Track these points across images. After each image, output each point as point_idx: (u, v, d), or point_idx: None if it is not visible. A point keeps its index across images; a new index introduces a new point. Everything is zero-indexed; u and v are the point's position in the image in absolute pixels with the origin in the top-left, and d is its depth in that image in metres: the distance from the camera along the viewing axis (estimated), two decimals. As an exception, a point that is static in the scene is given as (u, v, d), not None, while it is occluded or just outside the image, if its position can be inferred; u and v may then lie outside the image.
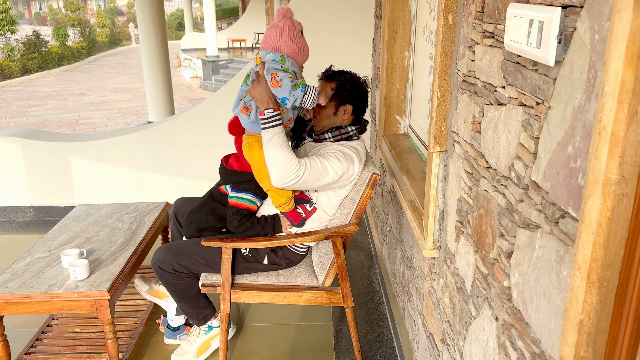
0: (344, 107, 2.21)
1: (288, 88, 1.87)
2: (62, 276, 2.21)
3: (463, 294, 1.52)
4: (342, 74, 2.23)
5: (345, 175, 2.13)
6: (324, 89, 2.18)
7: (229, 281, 2.23)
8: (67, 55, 19.25)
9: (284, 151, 1.96)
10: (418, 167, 2.38)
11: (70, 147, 4.03)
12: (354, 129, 2.23)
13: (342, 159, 2.11)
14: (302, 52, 2.03)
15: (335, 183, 2.14)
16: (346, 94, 2.20)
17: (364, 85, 2.27)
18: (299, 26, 2.02)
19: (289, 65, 1.95)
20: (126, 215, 2.84)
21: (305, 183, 2.05)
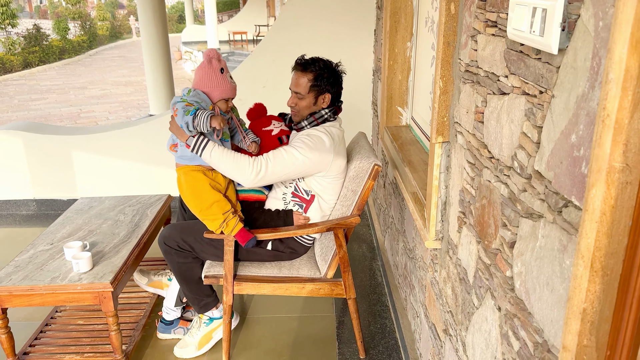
0: (323, 96, 2.22)
1: (181, 114, 2.00)
2: (65, 269, 2.22)
3: (465, 284, 1.52)
4: (314, 63, 2.21)
5: (321, 157, 2.14)
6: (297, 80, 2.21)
7: (232, 273, 2.24)
8: (68, 49, 19.21)
9: (228, 157, 2.08)
10: (420, 158, 2.38)
11: (72, 140, 4.03)
12: (327, 111, 2.23)
13: (308, 141, 2.14)
14: (218, 88, 2.12)
15: (316, 166, 2.16)
16: (324, 83, 2.20)
17: (338, 71, 2.27)
18: (218, 65, 2.12)
19: (192, 96, 2.09)
20: (128, 208, 2.84)
21: (276, 174, 2.12)
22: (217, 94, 2.12)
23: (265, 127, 2.30)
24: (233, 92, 2.17)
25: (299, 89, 2.21)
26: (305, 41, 3.93)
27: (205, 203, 2.13)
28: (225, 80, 2.13)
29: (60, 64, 18.17)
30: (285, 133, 2.29)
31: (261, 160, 2.11)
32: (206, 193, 2.14)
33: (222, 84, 2.12)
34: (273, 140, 2.28)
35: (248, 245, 2.15)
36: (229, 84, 2.15)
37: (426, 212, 1.83)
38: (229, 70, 2.20)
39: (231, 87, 2.15)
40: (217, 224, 2.13)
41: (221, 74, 2.12)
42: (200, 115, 1.98)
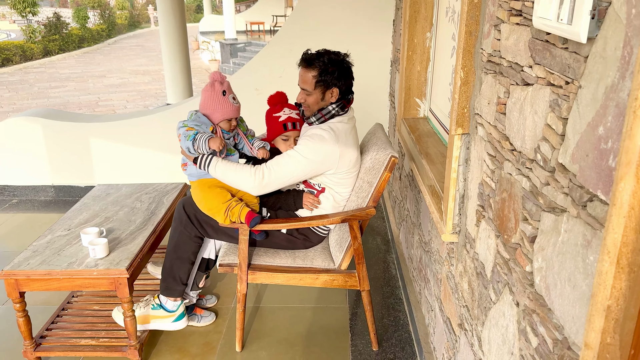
0: (330, 91, 2.18)
1: (183, 140, 2.13)
2: (81, 254, 2.24)
3: (482, 279, 1.50)
4: (319, 57, 2.15)
5: (325, 156, 2.12)
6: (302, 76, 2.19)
7: (246, 262, 2.24)
8: (87, 38, 19.38)
9: (230, 169, 2.13)
10: (438, 150, 2.35)
11: (90, 127, 4.06)
12: (335, 106, 2.19)
13: (309, 142, 2.12)
14: (220, 110, 2.19)
15: (322, 165, 2.15)
16: (330, 77, 2.14)
17: (346, 63, 2.21)
18: (220, 88, 2.18)
19: (193, 120, 2.19)
20: (145, 195, 2.86)
21: (281, 179, 2.13)
22: (218, 116, 2.19)
23: (276, 113, 2.29)
24: (235, 113, 2.22)
25: (305, 85, 2.18)
26: (323, 31, 3.90)
27: (209, 200, 2.18)
28: (227, 102, 2.18)
29: (79, 52, 18.35)
30: (292, 120, 2.27)
31: (263, 168, 2.13)
32: (211, 192, 2.20)
33: (223, 106, 2.18)
34: (278, 126, 2.28)
35: (252, 225, 2.14)
36: (231, 106, 2.20)
37: (443, 205, 1.81)
38: (232, 90, 2.25)
39: (233, 109, 2.20)
40: (221, 213, 2.16)
41: (223, 97, 2.18)
42: (198, 139, 2.09)
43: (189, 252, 2.31)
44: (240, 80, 4.02)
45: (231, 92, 2.23)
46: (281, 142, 2.30)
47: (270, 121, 2.31)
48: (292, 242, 2.35)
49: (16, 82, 13.19)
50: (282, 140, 2.29)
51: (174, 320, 2.39)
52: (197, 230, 2.29)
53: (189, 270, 2.35)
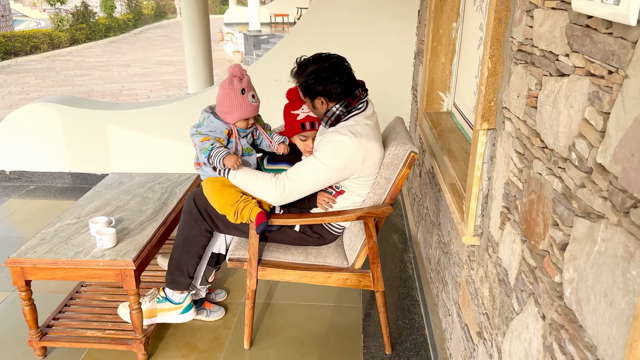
0: (319, 100, 2.08)
1: (199, 152, 2.08)
2: (89, 244, 2.19)
3: (505, 286, 1.38)
4: (301, 69, 2.09)
5: (347, 162, 2.03)
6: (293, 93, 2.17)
7: (256, 257, 2.16)
8: (113, 27, 19.55)
9: (250, 178, 2.08)
10: (461, 147, 2.23)
11: (108, 115, 4.04)
12: (339, 106, 2.07)
13: (329, 148, 2.02)
14: (237, 110, 2.09)
15: (344, 172, 2.06)
16: (309, 89, 2.06)
17: (327, 61, 2.05)
18: (239, 85, 2.07)
19: (206, 127, 2.12)
20: (158, 185, 2.80)
21: (302, 189, 2.06)
22: (235, 115, 2.10)
23: (294, 110, 2.20)
24: (253, 112, 2.14)
25: (300, 95, 2.15)
26: (344, 21, 3.78)
27: (220, 199, 2.12)
28: (245, 101, 2.09)
29: (105, 41, 18.53)
30: (311, 120, 2.18)
31: (283, 178, 2.05)
32: (222, 191, 2.13)
33: (241, 106, 2.09)
34: (296, 125, 2.18)
35: (257, 231, 2.06)
36: (249, 105, 2.10)
37: (465, 205, 1.69)
38: (252, 87, 2.15)
39: (251, 108, 2.12)
40: (231, 216, 2.10)
41: (241, 95, 2.08)
42: (214, 156, 2.04)
43: (198, 245, 2.25)
44: (259, 70, 3.94)
45: (251, 89, 2.13)
46: (299, 140, 2.21)
47: (288, 118, 2.23)
48: (304, 240, 2.27)
49: (43, 70, 13.37)
50: (299, 139, 2.20)
51: (181, 313, 2.33)
52: (207, 224, 2.22)
53: (197, 264, 2.28)
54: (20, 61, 14.52)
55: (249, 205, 2.09)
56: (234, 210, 2.08)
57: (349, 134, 2.02)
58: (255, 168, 2.25)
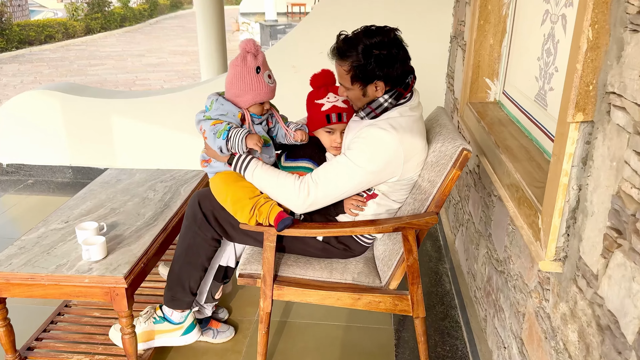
0: (373, 85, 1.68)
1: (212, 138, 1.74)
2: (75, 255, 1.85)
3: (612, 338, 1.00)
4: (352, 45, 1.65)
5: (387, 164, 1.67)
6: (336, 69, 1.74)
7: (272, 274, 1.80)
8: (129, 17, 19.34)
9: (273, 179, 1.74)
10: (519, 143, 1.84)
11: (113, 104, 3.70)
12: (387, 97, 1.69)
13: (365, 147, 1.66)
14: (251, 91, 1.75)
15: (381, 176, 1.70)
16: (369, 70, 1.64)
17: (394, 41, 1.66)
18: (253, 63, 1.74)
19: (215, 110, 1.79)
20: (160, 184, 2.46)
21: (330, 196, 1.70)
22: (249, 98, 1.77)
23: (318, 99, 1.83)
24: (269, 95, 1.80)
25: (341, 80, 1.74)
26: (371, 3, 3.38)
27: (234, 192, 1.76)
28: (261, 81, 1.75)
29: (120, 31, 18.32)
30: (337, 110, 1.80)
31: (308, 182, 1.69)
32: (236, 184, 1.78)
33: (256, 87, 1.75)
34: (320, 117, 1.82)
35: (280, 228, 1.69)
36: (265, 86, 1.76)
37: (542, 220, 1.31)
38: (268, 66, 1.79)
39: (267, 90, 1.78)
40: (246, 211, 1.72)
41: (256, 74, 1.74)
42: (233, 137, 1.70)
43: (203, 257, 1.89)
44: (275, 56, 3.56)
45: (267, 68, 1.78)
46: (324, 134, 1.85)
47: (311, 108, 1.86)
48: (328, 251, 1.91)
49: (57, 59, 13.18)
50: (325, 132, 1.84)
51: (182, 334, 1.99)
52: (215, 231, 1.87)
53: (201, 278, 1.94)
54: (34, 50, 14.35)
55: (269, 202, 1.74)
56: (250, 205, 1.72)
57: (389, 128, 1.65)
58: (272, 164, 1.90)
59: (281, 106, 1.99)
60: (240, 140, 1.68)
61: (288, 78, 3.51)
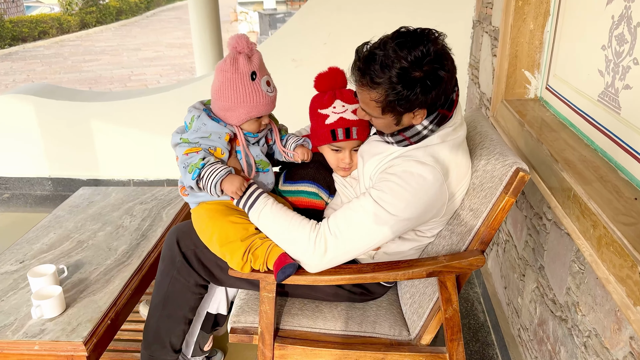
0: (411, 114, 1.26)
1: (183, 172, 1.35)
2: (26, 309, 1.49)
3: None
4: (384, 67, 1.17)
5: (427, 207, 1.29)
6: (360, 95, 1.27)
7: (272, 330, 1.42)
8: (125, 10, 18.89)
9: (283, 226, 1.32)
10: (580, 155, 1.45)
11: (95, 107, 3.32)
12: (427, 123, 1.28)
13: (399, 189, 1.25)
14: (244, 104, 1.34)
15: (419, 221, 1.32)
16: (409, 98, 1.19)
17: (441, 53, 1.20)
18: (247, 67, 1.32)
19: (194, 130, 1.38)
20: (139, 206, 2.08)
21: (352, 250, 1.29)
22: (242, 113, 1.36)
23: (323, 108, 1.43)
24: (269, 107, 1.38)
25: (364, 107, 1.30)
26: (381, -17, 2.97)
27: (222, 230, 1.36)
28: (258, 90, 1.34)
29: (116, 25, 17.90)
30: (346, 125, 1.40)
31: (326, 236, 1.28)
32: (224, 220, 1.37)
33: (251, 98, 1.34)
34: (324, 131, 1.43)
35: (280, 278, 1.30)
36: (264, 96, 1.35)
37: (649, 282, 0.92)
38: (266, 69, 1.37)
39: (266, 101, 1.36)
40: (237, 256, 1.33)
41: (251, 82, 1.33)
42: (206, 179, 1.31)
43: (185, 308, 1.52)
44: (273, 48, 3.16)
45: (265, 72, 1.36)
46: (330, 152, 1.46)
47: (315, 119, 1.47)
48: (341, 296, 1.53)
49: (51, 56, 12.80)
50: (331, 150, 1.45)
51: None
52: (199, 276, 1.49)
53: (185, 332, 1.56)
54: (28, 47, 13.97)
55: (265, 243, 1.34)
56: (244, 248, 1.34)
57: (431, 161, 1.26)
58: (271, 188, 1.52)
59: (280, 110, 1.59)
60: (213, 184, 1.30)
61: (288, 73, 3.11)
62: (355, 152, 1.46)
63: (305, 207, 1.51)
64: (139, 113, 3.32)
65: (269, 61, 1.49)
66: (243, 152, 1.40)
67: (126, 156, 3.40)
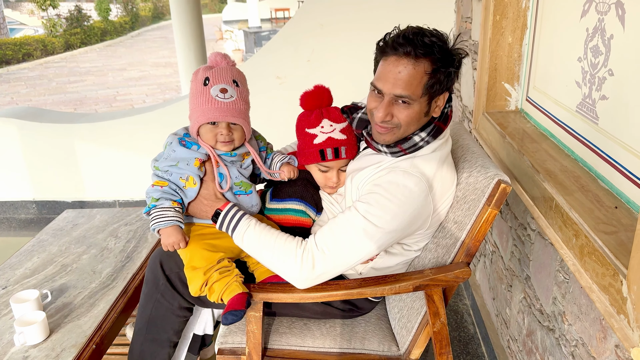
0: (437, 99, 1.29)
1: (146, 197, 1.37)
2: (9, 336, 1.46)
3: None
4: (429, 43, 1.21)
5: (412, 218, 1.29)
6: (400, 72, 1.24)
7: (259, 351, 1.41)
8: (109, 30, 18.91)
9: (268, 246, 1.31)
10: (561, 165, 1.46)
11: (78, 129, 3.31)
12: (424, 136, 1.31)
13: (386, 202, 1.25)
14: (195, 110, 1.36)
15: (404, 232, 1.32)
16: (446, 76, 1.24)
17: (460, 51, 1.28)
18: (203, 74, 1.35)
19: (165, 157, 1.39)
20: (124, 227, 2.07)
21: (341, 265, 1.29)
22: (195, 118, 1.36)
23: (311, 127, 1.44)
24: (219, 113, 1.33)
25: (404, 90, 1.24)
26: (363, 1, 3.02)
27: (190, 254, 1.38)
28: (206, 94, 1.33)
29: (101, 45, 17.90)
30: (335, 144, 1.42)
31: (313, 252, 1.27)
32: (197, 241, 1.39)
33: (200, 102, 1.34)
34: (312, 151, 1.44)
35: (229, 320, 1.26)
36: (212, 101, 1.33)
37: (629, 288, 0.93)
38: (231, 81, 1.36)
39: (214, 106, 1.33)
40: (196, 285, 1.34)
41: (203, 87, 1.34)
42: (152, 219, 1.33)
43: (170, 331, 1.50)
44: (257, 66, 3.18)
45: (224, 81, 1.35)
46: (317, 171, 1.47)
47: (302, 138, 1.48)
48: (329, 313, 1.52)
49: (35, 78, 12.75)
50: (318, 170, 1.46)
51: None
52: (183, 299, 1.47)
53: (170, 355, 1.54)
54: (12, 69, 13.91)
55: (225, 278, 1.34)
56: (203, 280, 1.33)
57: (416, 172, 1.27)
58: (257, 210, 1.51)
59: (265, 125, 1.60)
60: (152, 229, 1.34)
61: (272, 91, 3.13)
62: (343, 172, 1.47)
63: (293, 226, 1.50)
64: (123, 134, 3.31)
65: (253, 79, 1.50)
66: (215, 171, 1.39)
67: (111, 177, 3.38)
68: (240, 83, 1.38)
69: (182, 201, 1.38)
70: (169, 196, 1.35)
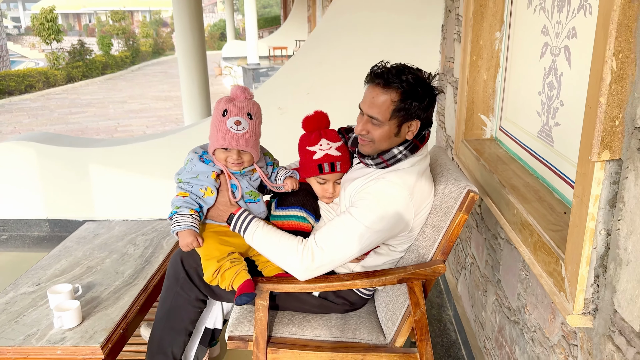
0: (409, 124, 1.56)
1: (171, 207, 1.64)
2: (46, 322, 1.67)
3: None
4: (401, 74, 1.51)
5: (396, 222, 1.55)
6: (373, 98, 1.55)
7: (265, 336, 1.63)
8: (110, 64, 19.37)
9: (273, 243, 1.58)
10: (525, 182, 1.73)
11: (90, 153, 3.56)
12: (402, 149, 1.59)
13: (374, 206, 1.52)
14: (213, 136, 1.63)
15: (390, 234, 1.58)
16: (415, 106, 1.52)
17: (435, 87, 1.58)
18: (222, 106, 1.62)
19: (187, 171, 1.68)
20: (141, 237, 2.30)
21: (337, 260, 1.55)
22: (212, 143, 1.64)
23: (310, 145, 1.71)
24: (232, 142, 1.59)
25: (375, 112, 1.53)
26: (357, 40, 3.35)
27: (205, 246, 1.65)
28: (223, 125, 1.59)
29: (102, 78, 18.30)
30: (331, 160, 1.68)
31: (312, 247, 1.54)
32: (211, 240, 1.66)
33: (217, 130, 1.61)
34: (311, 166, 1.70)
35: (239, 302, 1.53)
36: (226, 131, 1.59)
37: (566, 269, 1.18)
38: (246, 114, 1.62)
39: (228, 136, 1.59)
40: (210, 271, 1.59)
41: (221, 118, 1.61)
42: (173, 222, 1.60)
43: (187, 320, 1.72)
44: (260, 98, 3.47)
45: (240, 114, 1.60)
46: (316, 183, 1.73)
47: (303, 155, 1.74)
48: (325, 307, 1.75)
49: (37, 108, 13.03)
50: (317, 182, 1.72)
51: None
52: (199, 291, 1.70)
53: (185, 343, 1.76)
54: (14, 100, 14.21)
55: (236, 266, 1.59)
56: (216, 268, 1.59)
57: (399, 182, 1.54)
58: (264, 216, 1.76)
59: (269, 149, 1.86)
60: (172, 231, 1.60)
61: (274, 120, 3.41)
62: (338, 184, 1.73)
63: (295, 230, 1.75)
64: (132, 158, 3.56)
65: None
66: (228, 183, 1.66)
67: (120, 197, 3.61)
68: (254, 115, 1.65)
69: (201, 209, 1.63)
70: (189, 205, 1.61)
